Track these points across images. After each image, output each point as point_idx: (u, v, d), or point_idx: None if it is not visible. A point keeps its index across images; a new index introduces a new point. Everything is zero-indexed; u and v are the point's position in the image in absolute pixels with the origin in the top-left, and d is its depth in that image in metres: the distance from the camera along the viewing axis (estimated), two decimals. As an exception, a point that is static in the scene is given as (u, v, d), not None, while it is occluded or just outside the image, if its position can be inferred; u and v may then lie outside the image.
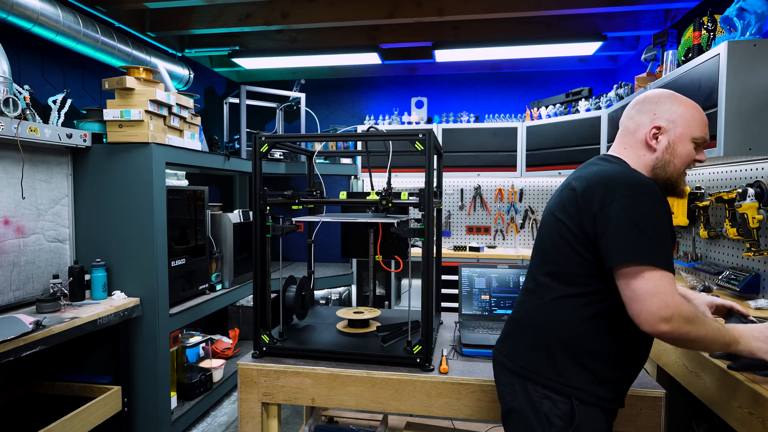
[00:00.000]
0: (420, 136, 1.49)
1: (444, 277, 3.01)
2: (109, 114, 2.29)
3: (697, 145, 1.15)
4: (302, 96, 4.17)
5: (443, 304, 2.36)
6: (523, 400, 1.14)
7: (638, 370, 1.16)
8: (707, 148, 1.93)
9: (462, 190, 4.42)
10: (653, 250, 0.98)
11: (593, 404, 1.08)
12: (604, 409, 1.10)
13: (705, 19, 2.15)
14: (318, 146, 2.60)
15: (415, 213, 2.63)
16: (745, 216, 1.96)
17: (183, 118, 2.59)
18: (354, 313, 1.92)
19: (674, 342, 1.00)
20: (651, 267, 0.98)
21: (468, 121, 4.15)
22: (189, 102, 2.61)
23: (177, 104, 2.49)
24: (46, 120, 2.32)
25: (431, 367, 1.50)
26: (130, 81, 2.26)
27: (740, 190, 2.01)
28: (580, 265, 1.08)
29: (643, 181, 1.06)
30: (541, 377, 1.12)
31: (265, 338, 1.63)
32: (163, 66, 3.02)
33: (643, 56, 2.82)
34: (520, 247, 4.30)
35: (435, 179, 1.63)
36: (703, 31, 2.16)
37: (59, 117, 2.27)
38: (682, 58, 2.34)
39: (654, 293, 0.97)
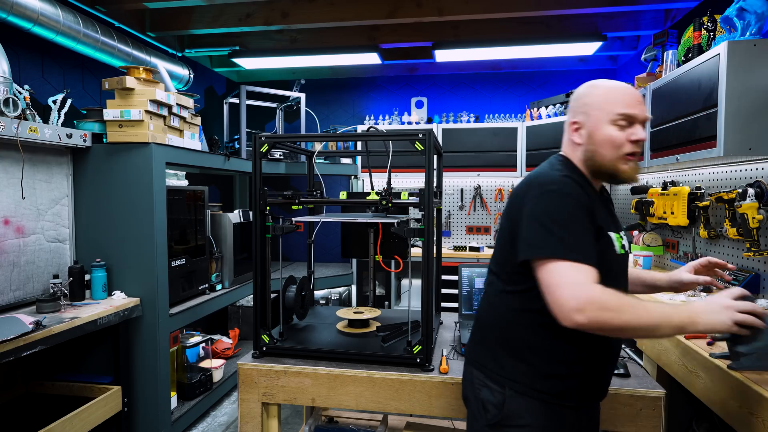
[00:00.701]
0: (420, 136, 1.49)
1: (444, 277, 3.01)
2: (109, 114, 2.29)
3: (624, 124, 1.10)
4: (302, 96, 4.17)
5: (443, 304, 2.36)
6: (470, 388, 1.22)
7: (592, 369, 1.13)
8: (707, 148, 1.94)
9: (462, 190, 4.42)
10: (557, 243, 1.01)
11: (531, 396, 1.11)
12: (546, 403, 1.10)
13: (705, 19, 2.15)
14: (318, 146, 2.61)
15: (415, 213, 2.63)
16: (745, 216, 1.96)
17: (183, 118, 2.59)
18: (354, 313, 1.92)
19: (601, 332, 0.99)
20: (555, 260, 1.00)
21: (468, 121, 4.15)
22: (189, 102, 2.61)
23: (177, 104, 2.49)
24: (46, 120, 2.32)
25: (431, 367, 1.50)
26: (130, 81, 2.26)
27: (740, 190, 2.01)
28: (513, 263, 1.12)
29: (553, 179, 1.09)
30: (483, 367, 1.19)
31: (265, 338, 1.63)
32: (163, 66, 3.02)
33: (643, 56, 2.82)
34: (520, 247, 4.30)
35: (435, 179, 1.63)
36: (703, 31, 2.16)
37: (59, 117, 2.27)
38: (682, 58, 2.34)
39: (561, 285, 0.98)
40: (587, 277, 0.99)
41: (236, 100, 3.98)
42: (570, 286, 0.97)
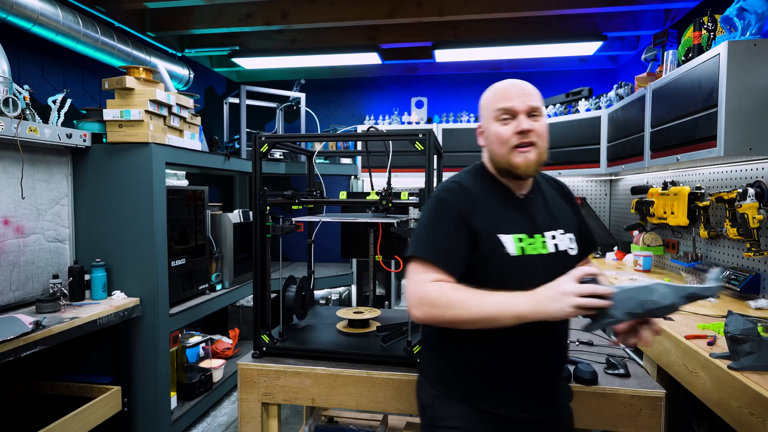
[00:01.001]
0: (420, 136, 1.49)
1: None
2: (108, 114, 2.29)
3: (506, 118, 1.11)
4: (302, 96, 4.17)
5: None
6: (416, 389, 1.27)
7: (510, 375, 1.09)
8: (708, 147, 1.94)
9: (462, 190, 4.41)
10: (415, 244, 1.09)
11: (460, 401, 1.12)
12: (480, 411, 1.10)
13: (705, 19, 2.15)
14: (318, 146, 2.60)
15: (415, 213, 2.63)
16: (746, 216, 1.96)
17: (183, 118, 2.59)
18: (354, 313, 1.91)
19: (439, 326, 1.07)
20: (412, 259, 1.08)
21: (468, 121, 4.15)
22: (189, 102, 2.60)
23: (177, 104, 2.49)
24: (46, 120, 2.32)
25: (431, 367, 1.50)
26: (130, 81, 2.26)
27: (740, 190, 2.01)
28: None
29: (442, 184, 1.18)
30: (422, 369, 1.25)
31: (265, 338, 1.63)
32: (163, 66, 3.02)
33: (643, 56, 2.82)
34: (520, 247, 4.29)
35: (435, 179, 1.63)
36: (703, 31, 2.16)
37: (59, 117, 2.27)
38: (682, 58, 2.34)
39: (409, 282, 1.07)
40: (430, 276, 1.05)
41: (236, 100, 3.98)
42: (413, 284, 1.06)
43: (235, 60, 3.90)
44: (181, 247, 2.63)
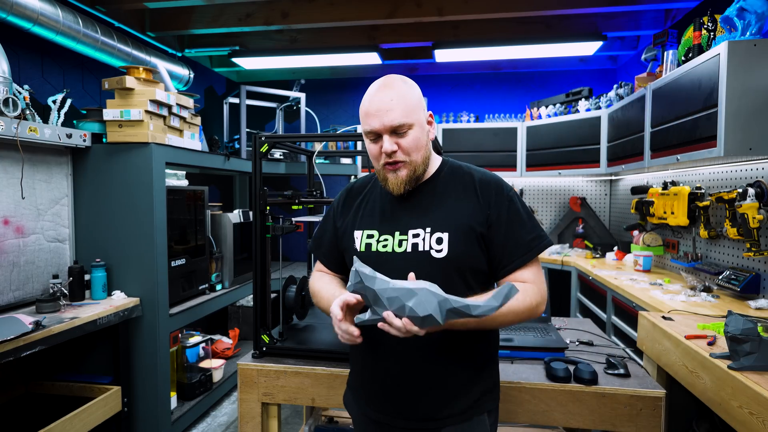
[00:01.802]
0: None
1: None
2: (108, 114, 2.29)
3: (372, 138, 1.06)
4: (302, 96, 4.17)
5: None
6: None
7: (365, 368, 1.14)
8: (708, 147, 1.93)
9: (462, 190, 4.41)
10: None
11: (347, 403, 1.24)
12: (356, 405, 1.19)
13: (705, 19, 2.15)
14: (318, 146, 2.60)
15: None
16: (746, 216, 1.96)
17: (183, 118, 2.59)
18: (354, 313, 1.91)
19: None
20: None
21: (468, 121, 4.15)
22: (189, 102, 2.60)
23: (177, 104, 2.49)
24: (46, 120, 2.32)
25: (431, 367, 1.50)
26: (130, 81, 2.26)
27: (740, 190, 2.01)
28: None
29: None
30: None
31: (265, 338, 1.63)
32: (163, 66, 3.02)
33: (643, 56, 2.82)
34: (520, 247, 4.29)
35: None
36: (703, 31, 2.16)
37: (59, 117, 2.27)
38: (682, 58, 2.34)
39: None
40: (317, 265, 1.26)
41: (236, 100, 3.98)
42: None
43: (235, 60, 3.90)
44: (181, 247, 2.63)
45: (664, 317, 1.82)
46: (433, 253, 1.04)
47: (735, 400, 1.27)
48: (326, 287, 1.16)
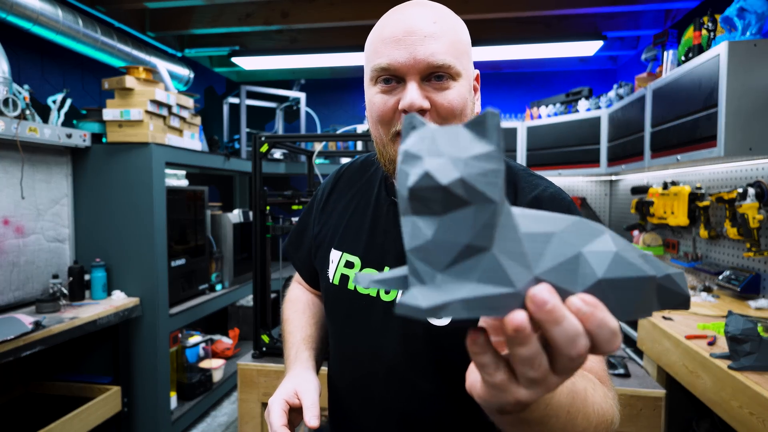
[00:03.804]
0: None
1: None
2: (108, 114, 2.28)
3: (387, 80, 0.65)
4: (302, 96, 4.17)
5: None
6: None
7: (344, 383, 0.83)
8: (708, 147, 1.93)
9: (462, 190, 4.41)
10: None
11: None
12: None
13: (705, 19, 2.15)
14: (318, 146, 2.60)
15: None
16: (746, 216, 1.96)
17: (183, 118, 2.59)
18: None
19: None
20: None
21: (468, 121, 4.14)
22: (189, 102, 2.60)
23: (177, 104, 2.49)
24: (45, 120, 2.32)
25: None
26: (129, 81, 2.26)
27: (740, 190, 2.01)
28: None
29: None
30: None
31: (265, 338, 1.63)
32: (163, 66, 3.02)
33: (643, 56, 2.82)
34: (520, 247, 4.29)
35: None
36: (703, 31, 2.16)
37: (59, 117, 2.27)
38: (682, 58, 2.34)
39: None
40: (295, 275, 0.97)
41: (236, 100, 3.98)
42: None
43: (235, 60, 3.90)
44: (181, 247, 2.63)
45: (664, 317, 1.82)
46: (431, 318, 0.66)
47: (735, 400, 1.27)
48: (295, 322, 0.87)
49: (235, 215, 3.23)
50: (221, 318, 3.77)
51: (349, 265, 0.75)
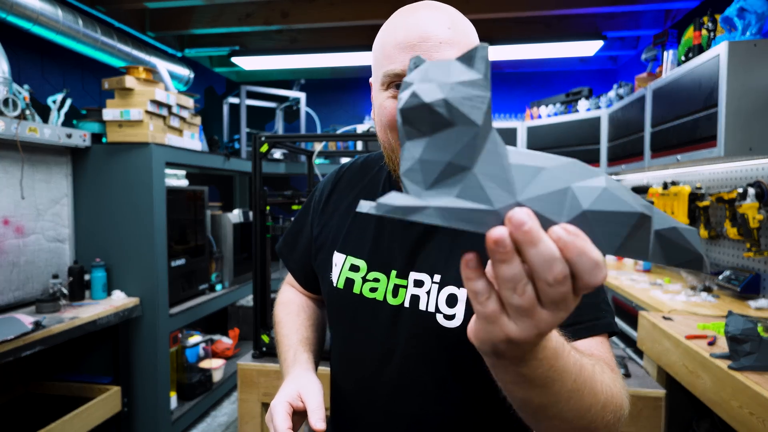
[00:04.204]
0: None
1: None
2: (108, 114, 2.28)
3: (399, 85, 0.64)
4: (302, 96, 4.17)
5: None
6: None
7: (341, 393, 0.84)
8: (708, 147, 1.93)
9: (462, 190, 4.41)
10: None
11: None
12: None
13: (705, 19, 2.15)
14: (318, 146, 2.60)
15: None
16: (746, 216, 1.96)
17: (183, 118, 2.59)
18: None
19: None
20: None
21: (468, 121, 4.14)
22: (189, 102, 2.60)
23: (177, 104, 2.49)
24: (45, 120, 2.32)
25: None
26: (129, 81, 2.26)
27: (740, 190, 2.01)
28: None
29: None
30: None
31: (265, 338, 1.63)
32: (163, 66, 3.02)
33: (643, 56, 2.82)
34: (520, 247, 4.29)
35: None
36: (703, 31, 2.16)
37: (59, 117, 2.27)
38: (682, 58, 2.34)
39: None
40: (287, 276, 0.95)
41: (236, 100, 3.98)
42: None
43: (235, 60, 3.90)
44: (181, 247, 2.63)
45: (664, 317, 1.82)
46: (441, 320, 0.66)
47: (735, 400, 1.27)
48: (290, 324, 0.85)
49: (235, 215, 3.23)
50: (221, 318, 3.77)
51: (354, 268, 0.74)
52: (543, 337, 0.37)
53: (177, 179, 2.70)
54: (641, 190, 3.04)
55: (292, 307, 0.90)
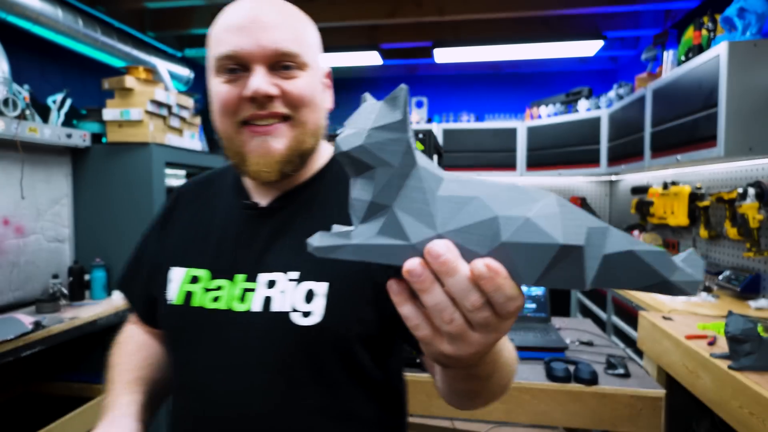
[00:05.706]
0: (420, 136, 1.49)
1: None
2: (108, 114, 2.28)
3: (232, 70, 0.61)
4: (302, 96, 4.17)
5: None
6: None
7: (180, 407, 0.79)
8: (708, 147, 1.93)
9: (462, 190, 4.41)
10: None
11: None
12: None
13: (705, 19, 2.15)
14: (318, 146, 2.60)
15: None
16: (746, 216, 1.96)
17: (183, 118, 2.59)
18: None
19: None
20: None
21: (468, 121, 4.15)
22: (189, 102, 2.60)
23: (177, 104, 2.49)
24: (45, 120, 2.32)
25: (431, 367, 1.50)
26: (129, 81, 2.26)
27: (740, 190, 2.01)
28: None
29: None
30: None
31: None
32: (163, 66, 3.02)
33: (643, 56, 2.82)
34: (520, 247, 4.30)
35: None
36: (703, 31, 2.16)
37: (59, 117, 2.27)
38: (682, 58, 2.34)
39: None
40: (131, 315, 0.85)
41: (236, 100, 3.98)
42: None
43: (235, 60, 3.90)
44: (181, 247, 2.63)
45: (664, 317, 1.82)
46: (296, 318, 0.60)
47: (735, 400, 1.27)
48: (121, 365, 0.75)
49: (235, 215, 3.23)
50: (221, 318, 3.77)
51: (195, 280, 0.66)
52: (482, 354, 0.37)
53: (177, 179, 2.70)
54: (641, 190, 3.05)
55: (128, 347, 0.79)
